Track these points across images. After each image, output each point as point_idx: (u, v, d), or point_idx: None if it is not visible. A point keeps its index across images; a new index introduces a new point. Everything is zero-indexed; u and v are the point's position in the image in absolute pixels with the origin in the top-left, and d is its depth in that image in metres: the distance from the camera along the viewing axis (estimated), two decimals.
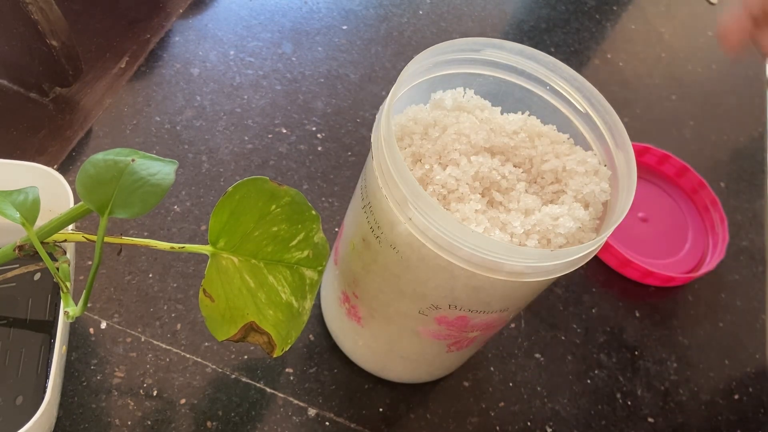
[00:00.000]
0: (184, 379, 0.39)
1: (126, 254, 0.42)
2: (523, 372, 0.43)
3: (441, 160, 0.30)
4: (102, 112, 0.49)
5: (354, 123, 0.53)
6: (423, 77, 0.32)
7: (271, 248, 0.31)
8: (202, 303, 0.30)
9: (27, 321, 0.35)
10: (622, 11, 0.71)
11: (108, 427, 0.36)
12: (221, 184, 0.47)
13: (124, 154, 0.30)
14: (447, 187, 0.29)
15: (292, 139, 0.51)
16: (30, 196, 0.31)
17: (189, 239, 0.44)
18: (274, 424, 0.38)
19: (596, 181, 0.30)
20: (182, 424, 0.37)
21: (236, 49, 0.55)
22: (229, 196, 0.30)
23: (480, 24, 0.64)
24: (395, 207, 0.27)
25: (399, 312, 0.33)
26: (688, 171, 0.55)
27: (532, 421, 0.42)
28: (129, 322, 0.40)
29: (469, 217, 0.28)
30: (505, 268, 0.27)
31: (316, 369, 0.41)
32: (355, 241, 0.33)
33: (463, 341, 0.34)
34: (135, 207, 0.29)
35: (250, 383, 0.39)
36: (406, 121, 0.31)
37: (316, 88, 0.54)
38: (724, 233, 0.53)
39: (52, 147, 0.46)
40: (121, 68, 0.52)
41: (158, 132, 0.49)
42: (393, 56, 0.59)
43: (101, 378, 0.38)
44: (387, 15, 0.62)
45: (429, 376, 0.41)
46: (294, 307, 0.32)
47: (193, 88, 0.52)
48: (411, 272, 0.30)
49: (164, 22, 0.56)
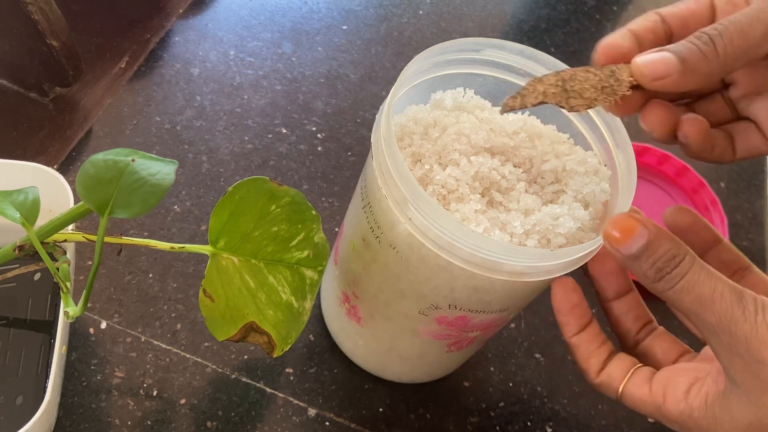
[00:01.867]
0: (184, 379, 0.39)
1: (126, 254, 0.42)
2: (523, 372, 0.43)
3: (441, 160, 0.30)
4: (102, 112, 0.49)
5: (354, 123, 0.53)
6: (423, 77, 0.32)
7: (271, 248, 0.31)
8: (202, 303, 0.30)
9: (27, 321, 0.35)
10: (622, 11, 0.71)
11: (108, 427, 0.36)
12: (221, 184, 0.47)
13: (124, 154, 0.30)
14: (447, 187, 0.29)
15: (292, 139, 0.51)
16: (30, 196, 0.31)
17: (189, 239, 0.44)
18: (274, 424, 0.38)
19: (596, 181, 0.30)
20: (182, 424, 0.37)
21: (236, 49, 0.55)
22: (229, 196, 0.30)
23: (480, 24, 0.64)
24: (395, 207, 0.27)
25: (399, 312, 0.33)
26: (688, 171, 0.55)
27: (532, 421, 0.42)
28: (129, 322, 0.40)
29: (469, 217, 0.28)
30: (505, 268, 0.27)
31: (316, 369, 0.41)
32: (355, 241, 0.33)
33: (463, 341, 0.34)
34: (135, 207, 0.29)
35: (250, 383, 0.39)
36: (406, 121, 0.31)
37: (316, 88, 0.54)
38: (724, 233, 0.53)
39: (52, 147, 0.46)
40: (121, 68, 0.52)
41: (158, 132, 0.49)
42: (393, 56, 0.59)
43: (101, 378, 0.38)
44: (387, 15, 0.62)
45: (429, 376, 0.41)
46: (294, 307, 0.32)
47: (193, 88, 0.52)
48: (411, 272, 0.29)
49: (164, 22, 0.56)
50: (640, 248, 0.25)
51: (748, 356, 0.24)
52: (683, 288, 0.25)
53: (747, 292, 0.24)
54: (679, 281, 0.25)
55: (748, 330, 0.24)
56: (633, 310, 0.31)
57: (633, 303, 0.32)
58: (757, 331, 0.24)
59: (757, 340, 0.24)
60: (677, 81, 0.25)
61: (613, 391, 0.30)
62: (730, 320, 0.24)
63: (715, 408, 0.26)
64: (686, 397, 0.27)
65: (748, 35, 0.25)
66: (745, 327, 0.24)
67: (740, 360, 0.24)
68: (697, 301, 0.24)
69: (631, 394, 0.29)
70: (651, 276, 0.25)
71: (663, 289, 0.25)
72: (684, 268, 0.25)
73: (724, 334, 0.24)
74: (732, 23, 0.25)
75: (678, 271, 0.25)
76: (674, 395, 0.28)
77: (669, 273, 0.25)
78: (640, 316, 0.32)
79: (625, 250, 0.25)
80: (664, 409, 0.28)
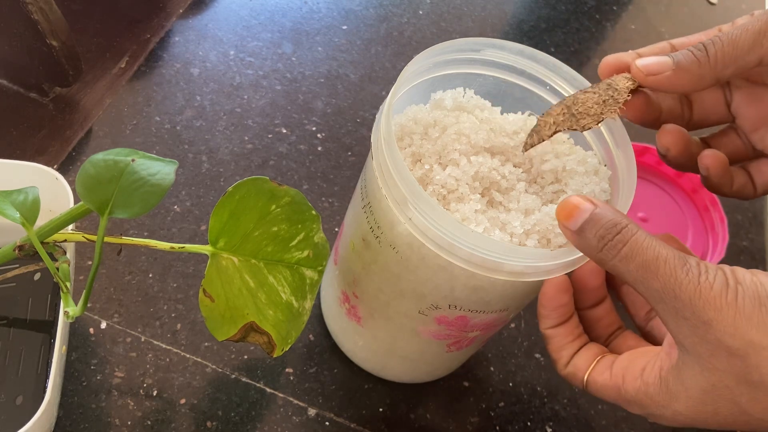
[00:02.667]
0: (184, 379, 0.39)
1: (126, 254, 0.42)
2: (523, 372, 0.43)
3: (441, 160, 0.30)
4: (102, 112, 0.49)
5: (354, 123, 0.53)
6: (423, 77, 0.32)
7: (271, 248, 0.31)
8: (202, 303, 0.30)
9: (27, 321, 0.35)
10: (622, 11, 0.71)
11: (108, 427, 0.36)
12: (221, 184, 0.47)
13: (124, 154, 0.30)
14: (447, 188, 0.29)
15: (292, 139, 0.51)
16: (30, 196, 0.31)
17: (189, 239, 0.44)
18: (274, 424, 0.38)
19: (596, 180, 0.30)
20: (182, 424, 0.37)
21: (236, 49, 0.55)
22: (229, 196, 0.30)
23: (480, 24, 0.64)
24: (395, 207, 0.27)
25: (399, 312, 0.33)
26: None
27: (532, 421, 0.42)
28: (129, 322, 0.40)
29: (468, 217, 0.28)
30: (504, 267, 0.27)
31: (316, 369, 0.41)
32: (355, 241, 0.33)
33: (463, 341, 0.34)
34: (135, 207, 0.29)
35: (250, 383, 0.39)
36: (406, 121, 0.31)
37: (316, 88, 0.54)
38: (724, 233, 0.52)
39: (52, 147, 0.46)
40: (121, 68, 0.52)
41: (158, 132, 0.49)
42: (393, 56, 0.59)
43: (101, 378, 0.38)
44: (387, 15, 0.62)
45: (429, 376, 0.41)
46: (294, 307, 0.32)
47: (193, 88, 0.52)
48: (411, 272, 0.30)
49: (164, 22, 0.56)
50: (585, 220, 0.25)
51: (694, 318, 0.24)
52: (627, 255, 0.25)
53: (691, 257, 0.25)
54: (622, 248, 0.25)
55: (692, 291, 0.24)
56: (606, 316, 0.32)
57: (606, 310, 0.32)
58: (701, 292, 0.24)
59: (701, 300, 0.24)
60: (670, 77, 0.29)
61: (579, 380, 0.30)
62: (674, 283, 0.24)
63: (669, 381, 0.26)
64: (642, 373, 0.27)
65: (737, 43, 0.29)
66: (689, 288, 0.24)
67: (687, 324, 0.24)
68: (642, 267, 0.25)
69: (595, 381, 0.29)
70: (595, 245, 0.26)
71: (608, 258, 0.25)
72: (626, 234, 0.25)
73: (669, 298, 0.24)
74: (725, 34, 0.29)
75: (620, 238, 0.25)
76: (632, 375, 0.28)
77: (611, 240, 0.25)
78: (611, 323, 0.32)
79: (572, 225, 0.26)
80: (623, 391, 0.28)
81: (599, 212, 0.25)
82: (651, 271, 0.24)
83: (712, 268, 0.24)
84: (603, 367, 0.29)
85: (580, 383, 0.30)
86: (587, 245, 0.26)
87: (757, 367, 0.24)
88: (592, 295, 0.32)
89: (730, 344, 0.24)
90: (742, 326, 0.23)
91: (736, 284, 0.24)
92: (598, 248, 0.25)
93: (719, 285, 0.24)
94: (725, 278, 0.24)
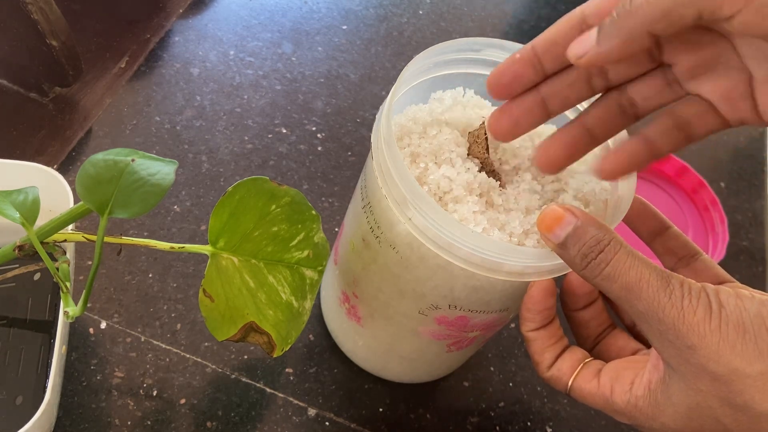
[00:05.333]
0: (184, 379, 0.39)
1: (126, 254, 0.42)
2: (523, 372, 0.43)
3: (437, 159, 0.30)
4: (102, 112, 0.49)
5: (354, 123, 0.53)
6: (423, 77, 0.32)
7: (271, 248, 0.31)
8: (202, 303, 0.30)
9: (27, 321, 0.35)
10: None
11: (108, 427, 0.36)
12: (221, 184, 0.47)
13: (124, 154, 0.30)
14: (441, 188, 0.29)
15: (292, 139, 0.51)
16: (30, 196, 0.31)
17: (189, 239, 0.44)
18: (274, 424, 0.38)
19: (596, 179, 0.30)
20: (182, 424, 0.37)
21: (236, 49, 0.55)
22: (229, 196, 0.30)
23: (480, 24, 0.64)
24: (395, 207, 0.27)
25: (399, 312, 0.33)
26: (688, 171, 0.55)
27: (532, 421, 0.42)
28: (129, 322, 0.40)
29: (467, 217, 0.28)
30: (504, 267, 0.27)
31: (316, 369, 0.41)
32: (354, 241, 0.33)
33: (463, 341, 0.34)
34: (135, 207, 0.29)
35: (250, 383, 0.39)
36: (405, 121, 0.31)
37: (316, 88, 0.54)
38: (724, 233, 0.52)
39: (52, 147, 0.46)
40: (121, 68, 0.52)
41: (158, 132, 0.49)
42: (393, 56, 0.59)
43: (101, 378, 0.38)
44: (387, 15, 0.62)
45: (429, 376, 0.41)
46: (294, 307, 0.32)
47: (193, 88, 0.52)
48: (411, 272, 0.29)
49: (164, 22, 0.56)
50: (567, 234, 0.25)
51: (678, 342, 0.24)
52: (609, 275, 0.25)
53: (674, 277, 0.24)
54: (605, 267, 0.25)
55: (675, 316, 0.24)
56: (596, 317, 0.32)
57: (597, 310, 0.32)
58: (684, 317, 0.23)
59: (684, 326, 0.23)
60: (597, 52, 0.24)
61: (563, 385, 0.30)
62: (657, 307, 0.24)
63: (657, 394, 0.26)
64: (631, 387, 0.27)
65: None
66: (672, 313, 0.24)
67: (671, 346, 0.24)
68: (625, 289, 0.24)
69: (580, 388, 0.29)
70: (578, 263, 0.25)
71: (591, 276, 0.25)
72: (609, 254, 0.25)
73: (653, 320, 0.24)
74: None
75: (603, 257, 0.25)
76: (621, 387, 0.28)
77: (594, 259, 0.25)
78: (602, 322, 0.32)
79: (555, 238, 0.25)
80: (612, 402, 0.28)
81: (582, 227, 0.25)
82: (634, 293, 0.24)
83: (696, 290, 0.24)
84: (589, 374, 0.29)
85: (564, 387, 0.30)
86: (571, 261, 0.26)
87: (741, 393, 0.24)
88: (584, 297, 0.31)
89: (714, 370, 0.24)
90: (726, 354, 0.23)
91: (719, 309, 0.24)
92: (582, 266, 0.25)
93: (702, 310, 0.24)
94: (708, 302, 0.24)
